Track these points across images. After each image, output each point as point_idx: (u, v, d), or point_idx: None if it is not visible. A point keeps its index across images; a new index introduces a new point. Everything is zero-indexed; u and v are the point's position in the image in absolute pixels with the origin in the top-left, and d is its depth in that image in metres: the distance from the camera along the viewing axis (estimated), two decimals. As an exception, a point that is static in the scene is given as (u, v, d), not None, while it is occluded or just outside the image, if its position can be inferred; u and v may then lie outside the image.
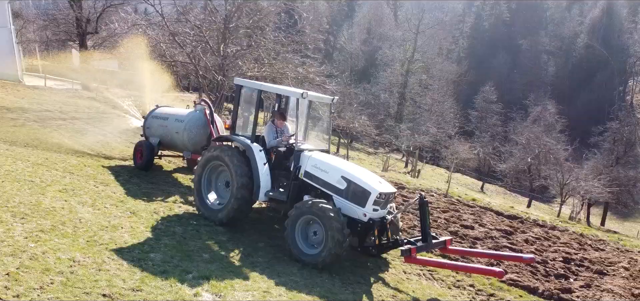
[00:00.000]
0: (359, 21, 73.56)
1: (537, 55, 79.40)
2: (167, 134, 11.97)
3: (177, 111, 12.41)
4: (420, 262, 8.17)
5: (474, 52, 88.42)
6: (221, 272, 6.78)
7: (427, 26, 67.06)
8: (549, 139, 35.20)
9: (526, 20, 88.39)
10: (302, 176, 8.61)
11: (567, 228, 12.58)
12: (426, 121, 54.69)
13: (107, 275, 5.87)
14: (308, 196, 8.52)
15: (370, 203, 7.94)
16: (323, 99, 9.76)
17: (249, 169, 8.72)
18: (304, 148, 8.98)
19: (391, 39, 68.35)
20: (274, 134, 9.31)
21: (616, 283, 8.92)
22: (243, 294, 6.21)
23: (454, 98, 72.65)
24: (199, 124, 11.65)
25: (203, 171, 9.29)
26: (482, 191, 44.88)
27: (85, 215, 7.84)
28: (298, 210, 8.03)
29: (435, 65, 72.74)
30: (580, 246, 11.19)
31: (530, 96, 64.23)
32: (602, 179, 37.53)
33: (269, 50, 24.94)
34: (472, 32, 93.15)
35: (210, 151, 9.30)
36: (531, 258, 8.37)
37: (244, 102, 9.85)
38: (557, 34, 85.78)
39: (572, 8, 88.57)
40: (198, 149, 11.48)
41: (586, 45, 79.89)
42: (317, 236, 7.97)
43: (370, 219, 8.05)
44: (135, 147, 12.33)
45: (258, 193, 8.67)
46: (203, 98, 12.63)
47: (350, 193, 8.12)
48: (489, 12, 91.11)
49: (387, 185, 8.57)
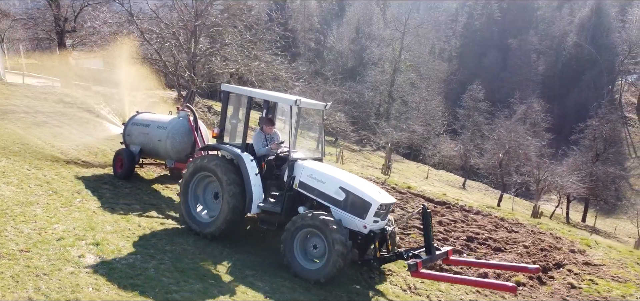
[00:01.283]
0: (348, 20, 74.34)
1: (527, 54, 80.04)
2: (149, 141, 11.46)
3: (159, 118, 11.86)
4: (429, 277, 7.79)
5: (466, 51, 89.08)
6: (214, 289, 6.72)
7: (413, 25, 67.70)
8: (518, 135, 35.83)
9: (517, 19, 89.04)
10: (296, 187, 8.29)
11: (491, 212, 13.23)
12: (413, 119, 55.59)
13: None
14: (303, 207, 8.23)
15: (371, 214, 7.70)
16: (316, 106, 9.47)
17: (240, 180, 8.34)
18: (298, 157, 8.64)
19: (379, 38, 69.10)
20: (264, 142, 8.94)
21: (505, 258, 9.62)
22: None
23: (444, 97, 73.53)
24: (183, 131, 11.20)
25: (190, 182, 8.88)
26: (463, 188, 45.61)
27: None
28: (296, 223, 7.72)
29: (424, 64, 73.55)
30: (495, 227, 11.88)
31: (516, 94, 64.84)
32: (577, 175, 38.20)
33: (242, 48, 25.62)
34: (464, 32, 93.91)
35: (197, 161, 8.91)
36: (536, 268, 8.02)
37: (232, 109, 9.42)
38: (548, 33, 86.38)
39: (563, 7, 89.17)
40: (182, 157, 11.23)
41: (575, 44, 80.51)
42: (318, 250, 7.68)
43: (370, 231, 7.82)
44: (115, 156, 11.78)
45: (250, 205, 8.31)
46: (186, 104, 12.16)
47: (350, 204, 7.86)
48: (480, 11, 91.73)
49: (386, 196, 8.31)
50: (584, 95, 74.69)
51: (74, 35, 28.34)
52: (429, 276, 7.74)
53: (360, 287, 8.05)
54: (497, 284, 7.76)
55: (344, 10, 78.96)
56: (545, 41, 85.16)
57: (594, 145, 46.20)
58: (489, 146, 37.45)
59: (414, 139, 43.79)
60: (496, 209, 14.84)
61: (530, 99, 63.08)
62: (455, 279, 8.12)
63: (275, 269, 7.92)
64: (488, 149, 37.04)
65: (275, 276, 7.65)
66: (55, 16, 27.44)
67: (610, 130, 47.21)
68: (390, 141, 37.95)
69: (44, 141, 13.69)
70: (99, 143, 14.68)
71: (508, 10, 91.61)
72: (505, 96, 72.57)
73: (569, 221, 39.45)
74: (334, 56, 71.36)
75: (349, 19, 74.76)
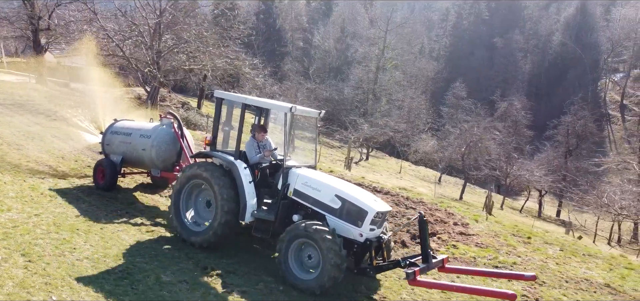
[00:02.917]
0: (334, 20, 75.61)
1: (513, 52, 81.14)
2: (132, 151, 11.08)
3: (141, 125, 11.53)
4: (426, 285, 7.67)
5: (455, 50, 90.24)
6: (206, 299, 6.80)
7: (395, 24, 68.86)
8: (482, 130, 36.90)
9: (505, 18, 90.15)
10: (291, 195, 8.24)
11: (422, 199, 14.17)
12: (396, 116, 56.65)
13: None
14: (297, 215, 8.20)
15: (367, 222, 7.65)
16: (310, 113, 9.35)
17: (233, 187, 8.28)
18: (292, 165, 8.59)
19: (363, 37, 70.29)
20: (256, 149, 8.89)
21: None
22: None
23: (431, 95, 74.75)
24: (168, 139, 10.96)
25: (182, 190, 8.81)
26: (438, 182, 46.64)
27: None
28: (291, 233, 7.66)
29: (408, 63, 74.74)
30: (395, 204, 12.95)
31: (497, 92, 65.90)
32: (545, 169, 39.22)
33: (207, 45, 26.78)
34: (453, 31, 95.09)
35: (190, 169, 8.84)
36: (533, 276, 7.97)
37: (223, 116, 9.27)
38: (535, 32, 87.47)
39: (550, 7, 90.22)
40: (168, 166, 11.04)
41: (561, 43, 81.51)
42: (312, 260, 7.63)
43: (367, 240, 7.76)
44: (96, 167, 11.35)
45: (244, 213, 8.23)
46: (169, 112, 11.90)
47: (345, 212, 7.81)
48: (468, 11, 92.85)
49: (382, 203, 8.30)
50: (568, 93, 75.65)
51: (48, 33, 29.48)
52: (426, 284, 7.61)
53: (359, 295, 8.02)
54: (495, 292, 7.53)
55: (331, 10, 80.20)
56: (532, 40, 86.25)
57: (566, 141, 47.20)
58: (452, 140, 38.57)
59: (390, 135, 44.80)
60: (407, 190, 15.85)
61: (511, 97, 64.08)
62: (453, 287, 7.94)
63: (270, 277, 7.91)
64: (451, 142, 38.14)
65: (270, 284, 7.66)
66: (29, 15, 28.61)
67: (582, 127, 48.18)
68: (362, 137, 38.99)
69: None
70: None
71: (496, 10, 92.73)
72: (491, 94, 73.64)
73: (540, 215, 40.44)
74: (320, 55, 72.67)
75: (335, 18, 76.03)
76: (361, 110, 55.99)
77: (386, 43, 66.28)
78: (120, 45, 23.74)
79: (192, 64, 25.69)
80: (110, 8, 25.20)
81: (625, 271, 10.60)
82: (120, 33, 23.60)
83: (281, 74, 59.10)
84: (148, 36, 24.73)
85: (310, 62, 71.51)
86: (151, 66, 24.19)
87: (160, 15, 24.46)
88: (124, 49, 24.03)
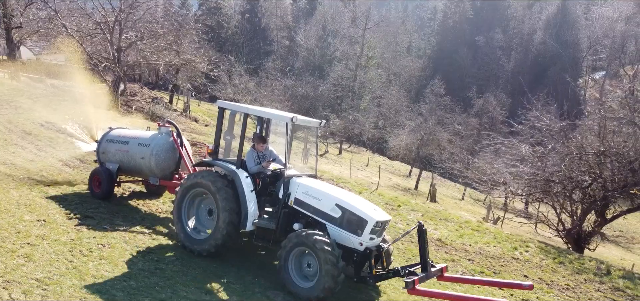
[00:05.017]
0: (317, 19, 77.27)
1: (494, 51, 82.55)
2: (130, 159, 11.10)
3: (139, 134, 11.56)
4: (426, 294, 7.67)
5: (442, 48, 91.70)
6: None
7: (373, 23, 70.51)
8: (432, 124, 38.42)
9: (489, 17, 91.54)
10: (292, 204, 8.40)
11: (348, 189, 15.52)
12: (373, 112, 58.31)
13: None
14: (298, 223, 8.34)
15: (367, 231, 7.79)
16: (311, 123, 9.43)
17: (235, 196, 8.43)
18: (293, 174, 8.75)
19: (345, 35, 71.95)
20: (256, 160, 9.02)
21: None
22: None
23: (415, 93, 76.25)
24: (167, 147, 11.00)
25: (184, 198, 8.96)
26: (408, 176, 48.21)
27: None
28: (291, 241, 7.82)
29: (392, 61, 76.40)
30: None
31: (473, 88, 67.41)
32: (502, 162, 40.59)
33: (155, 41, 28.29)
34: (439, 29, 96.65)
35: (192, 178, 9.01)
36: (530, 285, 8.10)
37: (227, 125, 9.49)
38: (518, 31, 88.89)
39: (534, 6, 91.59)
40: (167, 174, 11.11)
41: (542, 41, 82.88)
42: (311, 268, 7.77)
43: (366, 249, 7.90)
44: (92, 175, 11.31)
45: (245, 221, 8.38)
46: (168, 120, 12.03)
47: (345, 221, 7.96)
48: (453, 9, 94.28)
49: (382, 213, 8.43)
50: (550, 91, 76.99)
51: (20, 31, 31.18)
52: (426, 293, 7.63)
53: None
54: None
55: (315, 9, 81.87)
56: (515, 39, 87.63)
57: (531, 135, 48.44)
58: (407, 133, 40.07)
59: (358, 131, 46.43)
60: (344, 179, 17.29)
61: (487, 94, 65.53)
62: (453, 296, 8.03)
63: (270, 284, 8.14)
64: (408, 135, 39.65)
65: (268, 290, 7.90)
66: (2, 13, 30.32)
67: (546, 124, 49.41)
68: (327, 131, 40.54)
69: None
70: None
71: (481, 9, 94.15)
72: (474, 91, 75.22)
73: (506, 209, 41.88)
74: (304, 53, 74.30)
75: (317, 17, 77.75)
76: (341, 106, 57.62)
77: (366, 41, 67.94)
78: (80, 42, 25.39)
79: (150, 59, 27.33)
80: (72, 7, 26.84)
81: (468, 232, 12.22)
82: (80, 32, 25.21)
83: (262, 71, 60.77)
84: (109, 33, 26.43)
85: (294, 61, 73.23)
86: (108, 61, 25.83)
87: (120, 13, 26.14)
88: (84, 45, 25.70)
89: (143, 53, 27.26)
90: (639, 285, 11.19)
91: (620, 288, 10.96)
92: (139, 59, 26.84)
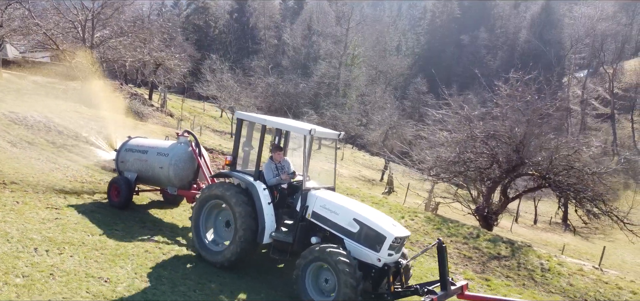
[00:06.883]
0: (303, 18, 79.12)
1: (479, 49, 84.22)
2: (148, 168, 11.11)
3: (158, 143, 11.59)
4: None
5: (430, 47, 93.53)
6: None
7: (356, 22, 72.27)
8: (394, 118, 40.15)
9: (475, 16, 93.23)
10: (309, 217, 8.27)
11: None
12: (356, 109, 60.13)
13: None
14: (316, 237, 8.19)
15: (385, 247, 7.65)
16: (329, 134, 9.25)
17: (252, 209, 8.33)
18: (311, 187, 8.60)
19: (330, 34, 73.72)
20: (274, 171, 8.88)
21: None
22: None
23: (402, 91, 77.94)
24: (186, 157, 10.98)
25: (201, 210, 8.94)
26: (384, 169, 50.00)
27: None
28: (308, 257, 7.69)
29: (379, 59, 78.12)
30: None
31: (453, 86, 68.93)
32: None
33: (143, 40, 30.14)
34: (428, 28, 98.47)
35: (209, 189, 8.95)
36: None
37: (244, 136, 9.37)
38: (504, 30, 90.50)
39: (520, 5, 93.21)
40: (185, 184, 11.09)
41: (526, 40, 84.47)
42: (329, 284, 7.62)
43: (385, 265, 7.73)
44: (110, 184, 11.34)
45: (262, 234, 8.28)
46: (186, 130, 11.96)
47: (364, 236, 7.83)
48: (441, 9, 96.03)
49: (401, 228, 8.25)
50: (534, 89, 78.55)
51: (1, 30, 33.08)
52: None
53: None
54: None
55: (302, 8, 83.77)
56: (501, 38, 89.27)
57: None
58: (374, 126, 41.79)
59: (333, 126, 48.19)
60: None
61: (467, 92, 67.15)
62: None
63: (287, 299, 8.08)
64: (374, 128, 41.38)
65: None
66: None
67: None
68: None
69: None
70: None
71: (468, 8, 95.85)
72: (459, 89, 76.83)
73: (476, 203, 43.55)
74: (291, 52, 76.22)
75: (304, 16, 79.62)
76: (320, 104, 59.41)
77: (351, 40, 69.71)
78: (53, 39, 27.26)
79: (136, 56, 29.09)
80: (46, 6, 28.67)
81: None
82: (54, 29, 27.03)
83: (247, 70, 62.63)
84: (81, 30, 28.30)
85: (281, 59, 75.14)
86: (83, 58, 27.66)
87: (93, 13, 28.01)
88: (57, 42, 27.57)
89: (114, 50, 29.09)
90: (498, 245, 12.89)
91: (480, 247, 12.68)
92: (108, 55, 28.64)
